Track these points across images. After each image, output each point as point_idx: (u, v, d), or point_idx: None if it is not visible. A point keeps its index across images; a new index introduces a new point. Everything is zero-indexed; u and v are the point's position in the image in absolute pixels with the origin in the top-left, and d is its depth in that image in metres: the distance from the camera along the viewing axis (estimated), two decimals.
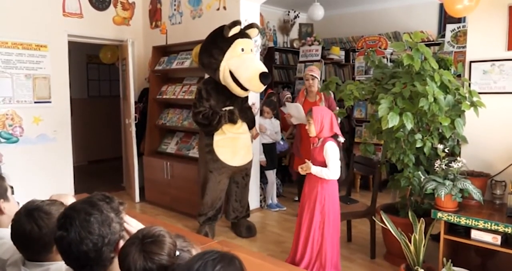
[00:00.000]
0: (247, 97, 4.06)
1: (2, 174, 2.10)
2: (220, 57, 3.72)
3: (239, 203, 4.07)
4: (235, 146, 3.86)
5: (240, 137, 3.90)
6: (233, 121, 3.76)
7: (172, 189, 4.80)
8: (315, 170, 2.96)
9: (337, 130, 3.04)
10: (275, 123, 4.97)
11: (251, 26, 3.85)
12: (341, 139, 3.05)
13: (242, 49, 3.72)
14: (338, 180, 3.07)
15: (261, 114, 4.90)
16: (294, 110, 4.43)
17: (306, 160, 3.06)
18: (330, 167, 2.93)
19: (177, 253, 1.20)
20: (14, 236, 1.48)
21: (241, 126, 3.90)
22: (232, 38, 3.70)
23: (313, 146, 3.11)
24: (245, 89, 3.70)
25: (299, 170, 3.08)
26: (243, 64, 3.63)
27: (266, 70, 3.65)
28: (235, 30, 3.70)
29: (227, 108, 3.79)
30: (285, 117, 4.95)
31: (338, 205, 3.08)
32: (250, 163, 4.04)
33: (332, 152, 2.93)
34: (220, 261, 1.04)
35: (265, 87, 3.70)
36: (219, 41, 3.76)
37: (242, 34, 3.76)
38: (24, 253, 1.50)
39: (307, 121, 3.02)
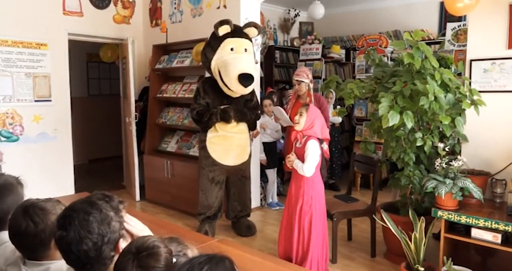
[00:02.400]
0: (252, 96, 3.98)
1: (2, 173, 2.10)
2: (210, 56, 3.75)
3: (237, 203, 4.06)
4: (228, 144, 3.84)
5: (234, 136, 3.86)
6: (225, 120, 3.73)
7: (173, 187, 4.80)
8: (296, 163, 2.99)
9: (325, 136, 3.07)
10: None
11: (248, 25, 3.83)
12: (325, 146, 3.08)
13: (232, 49, 3.70)
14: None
15: (261, 111, 4.87)
16: (278, 113, 4.38)
17: (291, 154, 3.08)
18: (307, 163, 2.91)
19: (174, 260, 1.18)
20: (12, 234, 1.49)
21: (237, 126, 3.84)
22: (223, 37, 3.71)
23: (295, 145, 3.10)
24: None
25: (287, 162, 3.09)
26: (228, 65, 3.62)
27: (247, 71, 3.58)
28: (224, 29, 3.69)
29: (223, 107, 3.78)
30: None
31: (324, 205, 3.10)
32: (245, 164, 3.97)
33: (312, 149, 2.92)
34: (207, 263, 1.04)
35: (246, 88, 3.64)
36: (211, 40, 3.81)
37: (234, 33, 3.75)
38: (22, 251, 1.50)
39: (300, 114, 3.01)
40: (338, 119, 5.49)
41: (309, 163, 2.91)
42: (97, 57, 6.90)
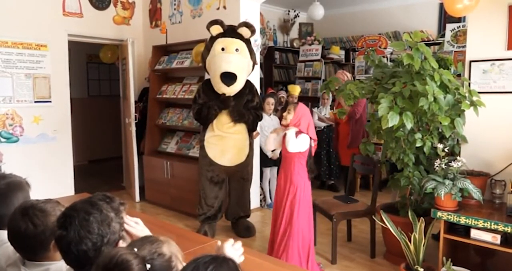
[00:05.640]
0: (253, 97, 3.94)
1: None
2: (205, 56, 3.82)
3: (237, 205, 4.07)
4: (224, 144, 3.84)
5: (231, 137, 3.85)
6: (226, 106, 3.72)
7: (172, 188, 4.80)
8: (290, 134, 3.04)
9: (311, 135, 3.11)
10: (275, 120, 4.96)
11: (239, 25, 3.83)
12: (312, 143, 3.14)
13: (223, 49, 3.71)
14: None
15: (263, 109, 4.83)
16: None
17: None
18: (298, 139, 3.02)
19: (148, 266, 1.10)
20: (11, 236, 1.48)
21: (234, 126, 3.83)
22: (216, 37, 3.76)
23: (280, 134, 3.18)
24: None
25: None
26: (214, 64, 3.69)
27: (229, 70, 3.61)
28: (215, 29, 3.75)
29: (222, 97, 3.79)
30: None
31: (310, 197, 3.16)
32: (242, 165, 3.94)
33: (304, 137, 3.03)
34: (212, 263, 1.04)
35: (229, 88, 3.66)
36: (208, 41, 3.87)
37: (226, 33, 3.77)
38: (21, 253, 1.50)
39: (288, 110, 3.08)
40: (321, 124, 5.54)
41: (299, 140, 3.01)
42: (97, 58, 6.91)
